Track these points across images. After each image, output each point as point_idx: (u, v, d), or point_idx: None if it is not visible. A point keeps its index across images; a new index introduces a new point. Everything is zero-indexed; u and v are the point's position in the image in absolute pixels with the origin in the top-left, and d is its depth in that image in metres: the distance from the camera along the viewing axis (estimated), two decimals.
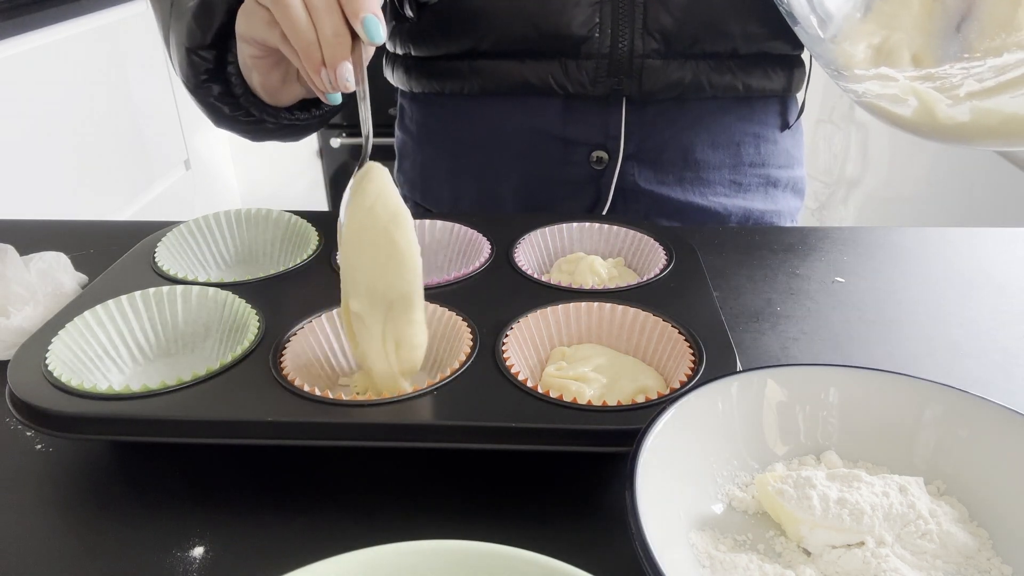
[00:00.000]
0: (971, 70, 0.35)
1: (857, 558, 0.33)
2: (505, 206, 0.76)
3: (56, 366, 0.43)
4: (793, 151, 0.79)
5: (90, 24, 1.48)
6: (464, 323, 0.47)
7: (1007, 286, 0.62)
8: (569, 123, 0.71)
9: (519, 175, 0.74)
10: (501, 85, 0.70)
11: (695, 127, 0.72)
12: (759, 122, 0.74)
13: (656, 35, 0.66)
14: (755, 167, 0.76)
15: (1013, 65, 0.33)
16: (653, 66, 0.67)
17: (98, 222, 0.76)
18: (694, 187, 0.74)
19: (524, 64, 0.69)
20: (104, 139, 1.54)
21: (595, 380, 0.44)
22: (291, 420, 0.39)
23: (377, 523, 0.39)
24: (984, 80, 0.34)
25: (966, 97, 0.35)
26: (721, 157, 0.74)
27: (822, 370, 0.40)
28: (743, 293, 0.60)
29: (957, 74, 0.36)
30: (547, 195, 0.75)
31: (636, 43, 0.66)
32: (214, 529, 0.38)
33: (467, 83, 0.71)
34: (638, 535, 0.30)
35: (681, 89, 0.68)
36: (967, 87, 0.35)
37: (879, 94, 0.40)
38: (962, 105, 0.36)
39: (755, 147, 0.75)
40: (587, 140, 0.71)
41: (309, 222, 0.61)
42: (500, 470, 0.42)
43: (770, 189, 0.78)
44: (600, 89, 0.68)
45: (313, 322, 0.48)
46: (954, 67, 0.36)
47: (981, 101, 0.35)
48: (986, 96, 0.35)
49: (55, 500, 0.41)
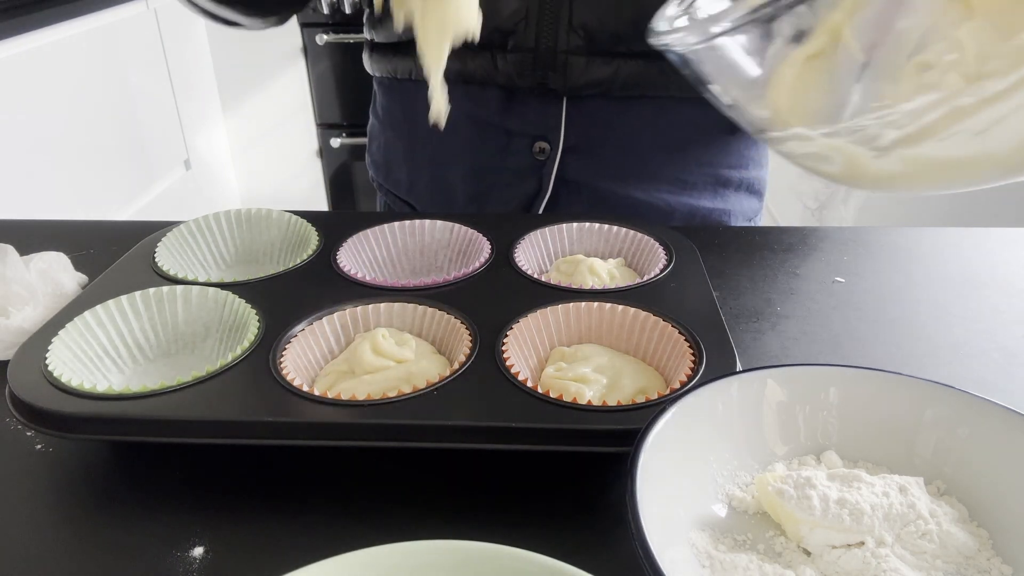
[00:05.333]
0: (885, 118, 0.33)
1: (857, 558, 0.33)
2: (455, 191, 0.78)
3: (56, 366, 0.43)
4: (748, 152, 0.77)
5: (90, 24, 1.48)
6: (464, 323, 0.47)
7: (1007, 286, 0.62)
8: (510, 114, 0.72)
9: (466, 162, 0.76)
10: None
11: (637, 123, 0.72)
12: (704, 124, 0.73)
13: (580, 31, 0.66)
14: (703, 166, 0.75)
15: (927, 108, 0.31)
16: (577, 62, 0.67)
17: (98, 222, 0.76)
18: (636, 183, 0.74)
19: (461, 54, 0.69)
20: (104, 139, 1.54)
21: (595, 380, 0.44)
22: (291, 420, 0.39)
23: (377, 523, 0.39)
24: (904, 127, 0.33)
25: (891, 146, 0.34)
26: (665, 155, 0.73)
27: (822, 370, 0.40)
28: (743, 293, 0.60)
29: (871, 124, 0.34)
30: (491, 182, 0.76)
31: (560, 38, 0.67)
32: (214, 529, 0.38)
33: (414, 68, 0.74)
34: (638, 535, 0.30)
35: (607, 86, 0.68)
36: (888, 136, 0.33)
37: (801, 153, 0.38)
38: (890, 156, 0.34)
39: (702, 147, 0.74)
40: (527, 131, 0.72)
41: (309, 222, 0.61)
42: (500, 470, 0.42)
43: (720, 188, 0.77)
44: (527, 82, 0.69)
45: (313, 322, 0.48)
46: (866, 118, 0.34)
47: (908, 149, 0.33)
48: (912, 144, 0.33)
49: (55, 500, 0.41)
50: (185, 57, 1.86)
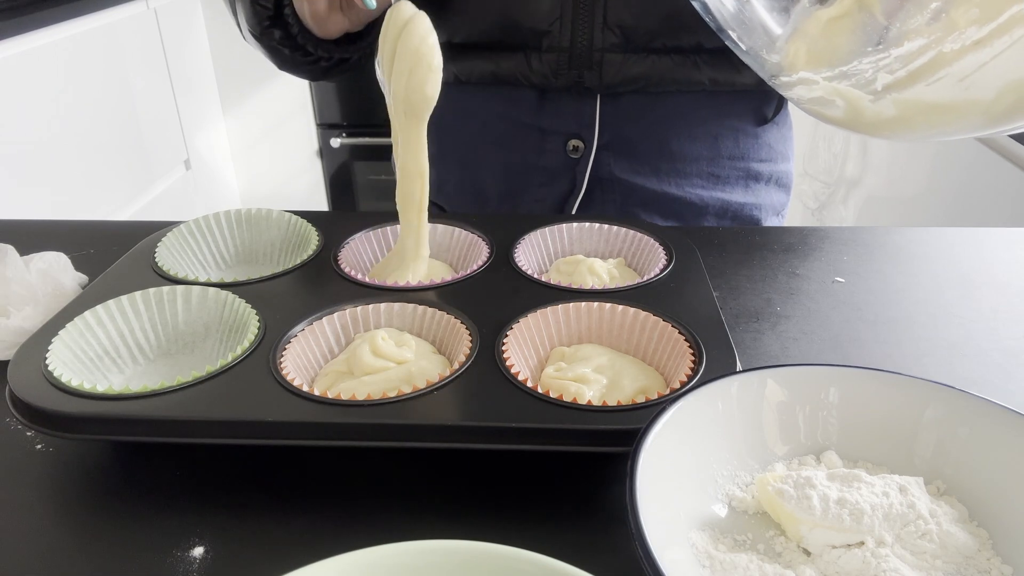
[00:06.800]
0: (879, 63, 0.35)
1: (857, 558, 0.33)
2: (486, 191, 0.78)
3: (56, 366, 0.43)
4: (776, 145, 0.78)
5: (90, 24, 1.48)
6: (464, 323, 0.47)
7: (1007, 286, 0.62)
8: (544, 113, 0.73)
9: (498, 161, 0.76)
10: (472, 76, 0.72)
11: (670, 119, 0.72)
12: (736, 116, 0.74)
13: (615, 29, 0.67)
14: (734, 160, 0.76)
15: (916, 53, 0.33)
16: (613, 60, 0.68)
17: (98, 222, 0.76)
18: (670, 178, 0.75)
19: (493, 57, 0.71)
20: (104, 139, 1.54)
21: (595, 380, 0.44)
22: (291, 420, 0.39)
23: (377, 523, 0.39)
24: (895, 71, 0.34)
25: (884, 91, 0.35)
26: (698, 149, 0.74)
27: (822, 370, 0.40)
28: (743, 293, 0.60)
29: (867, 68, 0.35)
30: (524, 181, 0.76)
31: (596, 37, 0.67)
32: (214, 529, 0.38)
33: (444, 72, 0.73)
34: (638, 535, 0.30)
35: (643, 83, 0.69)
36: (881, 80, 0.35)
37: (809, 98, 0.40)
38: (884, 99, 0.36)
39: (734, 140, 0.75)
40: (562, 129, 0.73)
41: (309, 222, 0.61)
42: (500, 470, 0.42)
43: (751, 182, 0.78)
44: (562, 81, 0.69)
45: (313, 322, 0.48)
46: (863, 62, 0.36)
47: (899, 93, 0.35)
48: (902, 88, 0.35)
49: (55, 500, 0.41)
50: (185, 57, 1.86)
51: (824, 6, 0.37)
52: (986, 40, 0.30)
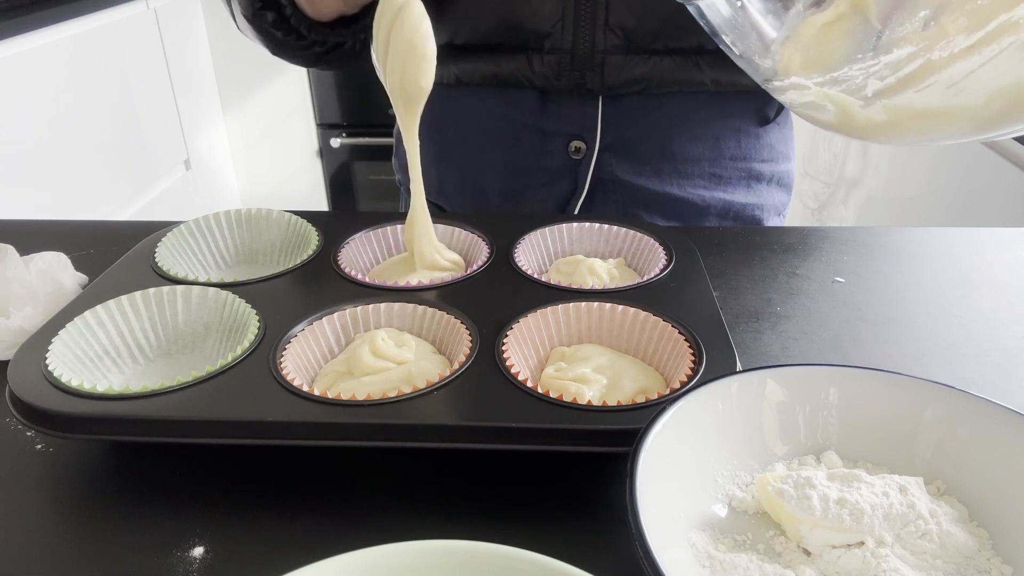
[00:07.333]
0: (869, 69, 0.35)
1: (857, 558, 0.33)
2: (488, 192, 0.78)
3: (56, 366, 0.43)
4: (778, 145, 0.78)
5: (90, 24, 1.48)
6: (464, 323, 0.47)
7: (1007, 286, 0.62)
8: (545, 114, 0.73)
9: (499, 163, 0.76)
10: (474, 77, 0.72)
11: (672, 120, 0.72)
12: (738, 116, 0.74)
13: (617, 31, 0.67)
14: (736, 160, 0.76)
15: (906, 60, 0.33)
16: (615, 61, 0.68)
17: (98, 222, 0.76)
18: (672, 179, 0.75)
19: (494, 59, 0.71)
20: (104, 139, 1.54)
21: (595, 380, 0.44)
22: (291, 420, 0.39)
23: (377, 523, 0.39)
24: (885, 78, 0.35)
25: (874, 97, 0.36)
26: (700, 150, 0.74)
27: (822, 370, 0.40)
28: (743, 293, 0.60)
29: (858, 75, 0.36)
30: (526, 182, 0.76)
31: (598, 39, 0.67)
32: (214, 529, 0.38)
33: (445, 73, 0.74)
34: (638, 535, 0.30)
35: (645, 84, 0.69)
36: (871, 86, 0.35)
37: (801, 103, 0.40)
38: (874, 105, 0.36)
39: (735, 141, 0.75)
40: (564, 131, 0.73)
41: (309, 222, 0.61)
42: (500, 470, 0.42)
43: (752, 183, 0.78)
44: (564, 83, 0.69)
45: (313, 322, 0.48)
46: (853, 68, 0.36)
47: (889, 99, 0.35)
48: (892, 94, 0.35)
49: (55, 500, 0.41)
50: (185, 57, 1.86)
51: (819, 10, 0.37)
52: (975, 48, 0.31)
